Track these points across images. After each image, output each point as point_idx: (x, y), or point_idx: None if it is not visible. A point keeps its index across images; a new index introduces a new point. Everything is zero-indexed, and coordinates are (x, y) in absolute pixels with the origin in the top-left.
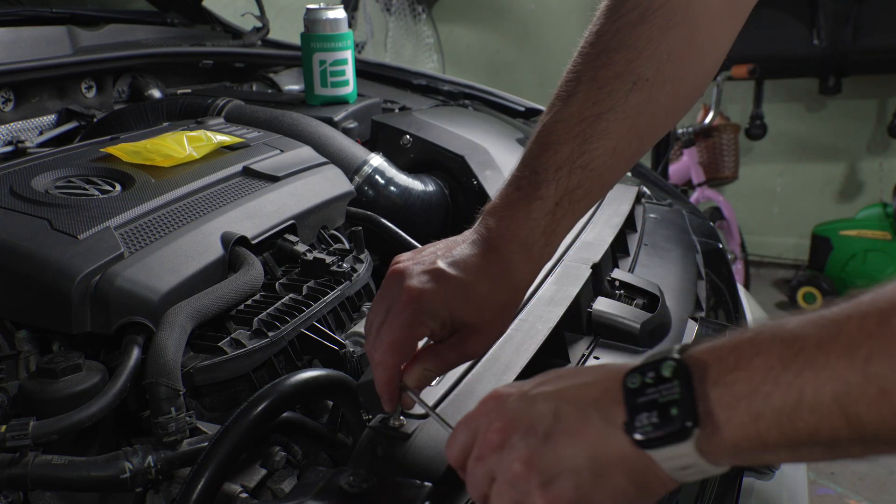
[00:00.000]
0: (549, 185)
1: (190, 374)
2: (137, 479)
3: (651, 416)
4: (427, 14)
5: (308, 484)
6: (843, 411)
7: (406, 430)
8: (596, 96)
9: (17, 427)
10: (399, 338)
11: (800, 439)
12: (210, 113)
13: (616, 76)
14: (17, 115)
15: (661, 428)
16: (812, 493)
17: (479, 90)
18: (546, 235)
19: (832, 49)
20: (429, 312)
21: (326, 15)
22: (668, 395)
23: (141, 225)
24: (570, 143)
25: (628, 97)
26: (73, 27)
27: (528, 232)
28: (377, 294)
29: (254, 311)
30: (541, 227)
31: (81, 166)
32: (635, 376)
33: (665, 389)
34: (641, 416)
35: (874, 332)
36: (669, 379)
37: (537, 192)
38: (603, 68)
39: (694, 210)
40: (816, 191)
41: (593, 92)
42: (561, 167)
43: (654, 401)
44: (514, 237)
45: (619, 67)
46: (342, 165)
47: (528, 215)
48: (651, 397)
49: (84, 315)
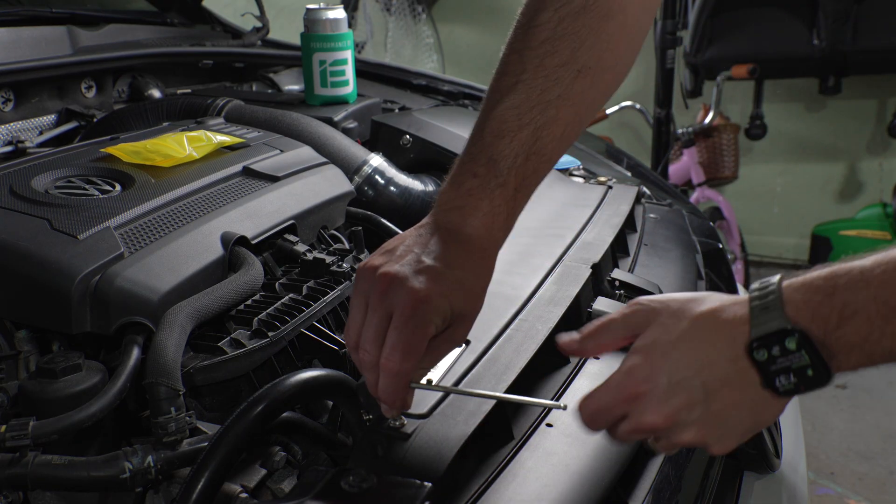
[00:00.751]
0: (510, 173)
1: (190, 374)
2: (137, 479)
3: (790, 378)
4: (427, 14)
5: (308, 484)
6: None
7: (406, 430)
8: (544, 84)
9: (17, 427)
10: (413, 342)
11: None
12: (210, 113)
13: (562, 65)
14: (17, 115)
15: (805, 384)
16: (812, 493)
17: (479, 90)
18: (507, 219)
19: (832, 49)
20: (436, 311)
21: (326, 15)
22: (800, 362)
23: (141, 225)
24: (525, 130)
25: (573, 85)
26: (73, 27)
27: (493, 219)
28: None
29: (254, 311)
30: (503, 214)
31: (81, 166)
32: (761, 352)
33: (795, 358)
34: (780, 378)
35: None
36: (796, 350)
37: (499, 181)
38: (548, 56)
39: (694, 210)
40: (816, 191)
41: (540, 80)
42: (518, 154)
43: (788, 367)
44: (481, 225)
45: (565, 56)
46: (342, 165)
47: (492, 202)
48: (783, 365)
49: (84, 315)
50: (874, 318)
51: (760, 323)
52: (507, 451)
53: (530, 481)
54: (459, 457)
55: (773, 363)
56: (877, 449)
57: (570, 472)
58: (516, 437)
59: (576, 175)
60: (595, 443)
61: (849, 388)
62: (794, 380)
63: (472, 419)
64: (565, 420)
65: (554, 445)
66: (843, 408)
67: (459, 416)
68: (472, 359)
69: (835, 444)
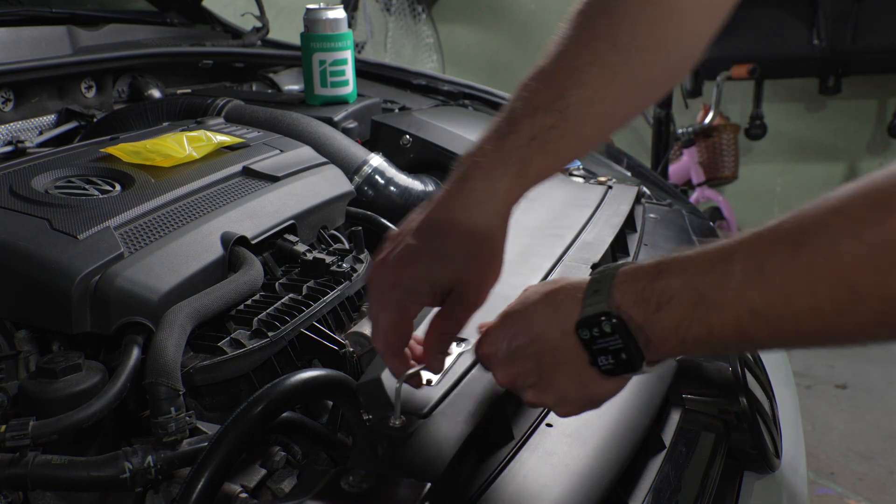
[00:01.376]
0: (524, 122)
1: (190, 374)
2: (137, 479)
3: (608, 359)
4: (427, 14)
5: (308, 484)
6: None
7: (406, 430)
8: (576, 51)
9: (17, 427)
10: (393, 321)
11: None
12: (210, 113)
13: (596, 37)
14: (17, 115)
15: (619, 366)
16: (812, 493)
17: (479, 90)
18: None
19: (832, 49)
20: (413, 292)
21: (326, 15)
22: (615, 345)
23: (141, 225)
24: (549, 90)
25: (606, 56)
26: (73, 27)
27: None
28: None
29: (254, 311)
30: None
31: (81, 166)
32: (584, 331)
33: (612, 341)
34: (601, 358)
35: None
36: (612, 333)
37: (512, 128)
38: (584, 30)
39: (694, 210)
40: (816, 191)
41: (573, 49)
42: (538, 108)
43: (606, 348)
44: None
45: (600, 30)
46: (342, 165)
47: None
48: (602, 345)
49: (84, 315)
50: (686, 304)
51: (589, 304)
52: (507, 451)
53: (530, 481)
54: (459, 457)
55: (594, 343)
56: (877, 449)
57: (570, 472)
58: (516, 437)
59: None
60: (595, 443)
61: (849, 388)
62: (612, 361)
63: (472, 419)
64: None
65: (554, 445)
66: (843, 408)
67: (459, 416)
68: (472, 358)
69: (835, 444)
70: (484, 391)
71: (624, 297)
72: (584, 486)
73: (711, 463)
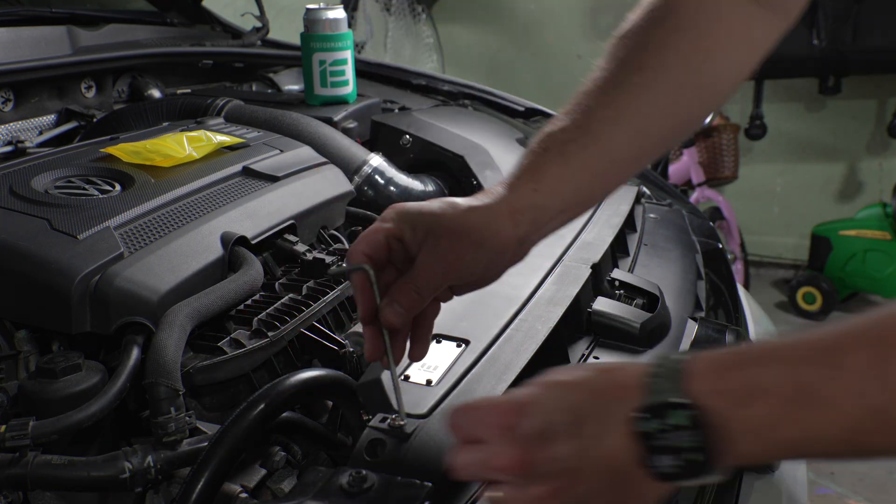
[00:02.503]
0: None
1: (189, 374)
2: (137, 479)
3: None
4: (427, 14)
5: (308, 484)
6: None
7: (406, 430)
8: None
9: (17, 427)
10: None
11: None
12: (210, 113)
13: (625, 63)
14: (16, 115)
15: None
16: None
17: (478, 90)
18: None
19: (832, 49)
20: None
21: (326, 15)
22: (686, 442)
23: (141, 225)
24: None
25: (631, 78)
26: (73, 27)
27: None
28: None
29: (253, 311)
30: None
31: (81, 166)
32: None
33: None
34: (661, 458)
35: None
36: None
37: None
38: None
39: (694, 210)
40: (816, 191)
41: (601, 74)
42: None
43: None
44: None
45: (629, 57)
46: (342, 165)
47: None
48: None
49: (84, 315)
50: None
51: (655, 391)
52: None
53: None
54: None
55: (656, 438)
56: None
57: None
58: None
59: None
60: None
61: None
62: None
63: None
64: None
65: None
66: None
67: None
68: (472, 359)
69: None
70: (484, 391)
71: (702, 385)
72: None
73: None
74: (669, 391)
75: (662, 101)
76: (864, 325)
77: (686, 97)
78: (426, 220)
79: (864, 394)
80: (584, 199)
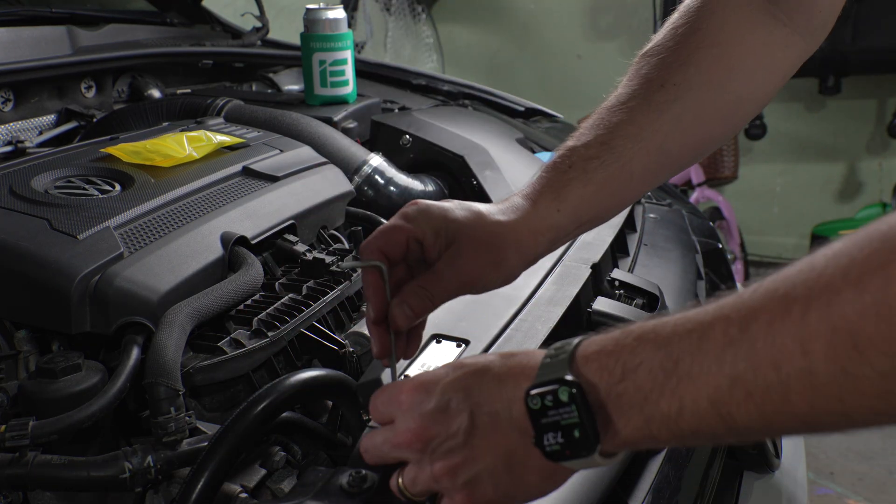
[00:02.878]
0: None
1: (189, 374)
2: (137, 479)
3: (557, 437)
4: (427, 14)
5: (308, 484)
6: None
7: None
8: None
9: (17, 427)
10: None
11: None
12: (210, 113)
13: (648, 79)
14: (16, 115)
15: (568, 447)
16: (812, 493)
17: (478, 90)
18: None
19: (832, 49)
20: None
21: (326, 15)
22: (569, 419)
23: (140, 225)
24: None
25: (654, 94)
26: (73, 27)
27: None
28: None
29: (253, 311)
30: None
31: (81, 166)
32: (536, 399)
33: (565, 413)
34: (548, 436)
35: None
36: (567, 403)
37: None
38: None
39: (694, 210)
40: (816, 191)
41: (625, 91)
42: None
43: (557, 422)
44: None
45: (652, 73)
46: (342, 165)
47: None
48: (553, 419)
49: (83, 315)
50: (656, 372)
51: (545, 372)
52: None
53: None
54: None
55: (544, 415)
56: (877, 449)
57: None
58: None
59: None
60: None
61: None
62: (561, 440)
63: None
64: None
65: None
66: None
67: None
68: None
69: (834, 444)
70: None
71: (587, 364)
72: (583, 486)
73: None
74: (560, 370)
75: (685, 119)
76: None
77: (708, 115)
78: (451, 228)
79: (722, 362)
80: (599, 215)
